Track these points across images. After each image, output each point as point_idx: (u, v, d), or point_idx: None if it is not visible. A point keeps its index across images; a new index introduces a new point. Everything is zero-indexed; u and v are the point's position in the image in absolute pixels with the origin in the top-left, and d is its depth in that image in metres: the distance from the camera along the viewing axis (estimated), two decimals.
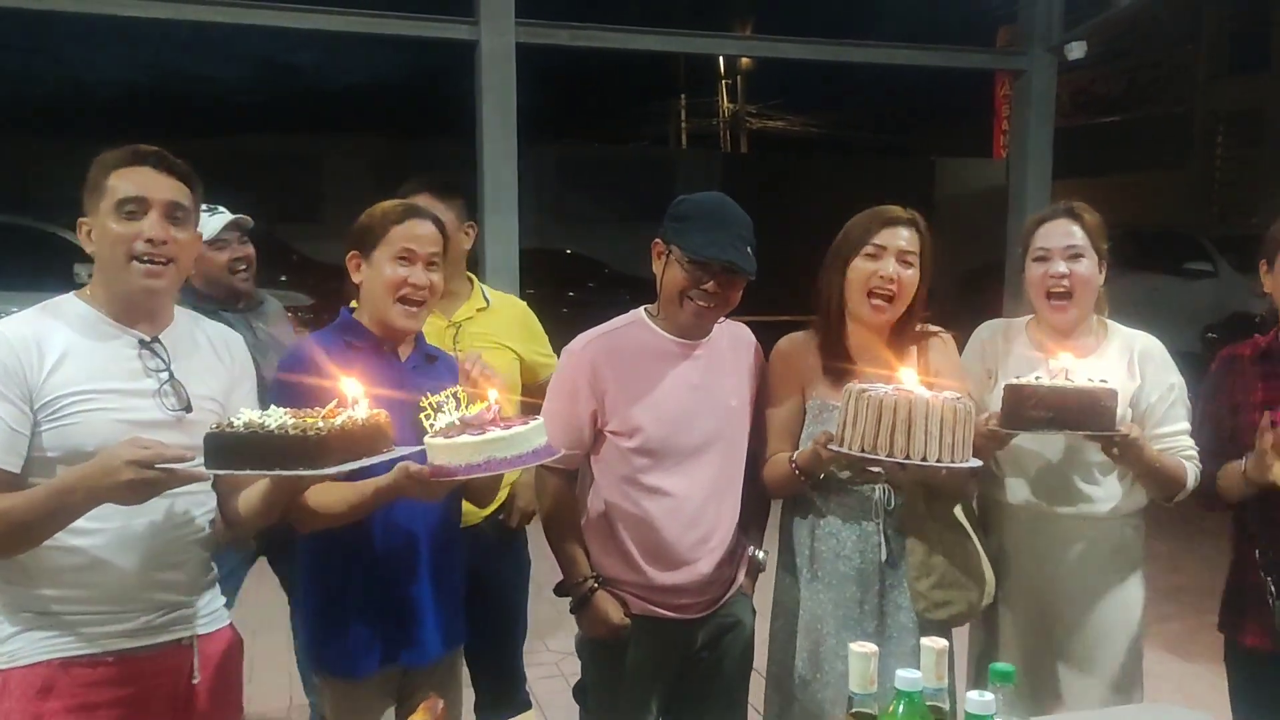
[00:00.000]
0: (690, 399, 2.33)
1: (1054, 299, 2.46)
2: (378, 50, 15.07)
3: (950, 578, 2.33)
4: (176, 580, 1.96)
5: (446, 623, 2.32)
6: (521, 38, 7.20)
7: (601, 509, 2.37)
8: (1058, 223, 2.50)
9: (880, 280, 2.34)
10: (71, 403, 1.83)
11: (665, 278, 2.32)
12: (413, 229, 2.25)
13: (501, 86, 7.15)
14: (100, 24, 7.19)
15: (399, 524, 2.22)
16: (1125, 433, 2.22)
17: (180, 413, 1.92)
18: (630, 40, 7.90)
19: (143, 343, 1.94)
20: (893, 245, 2.34)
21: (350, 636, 2.23)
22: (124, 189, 1.90)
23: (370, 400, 1.97)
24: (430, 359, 2.34)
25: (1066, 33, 8.34)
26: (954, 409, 2.05)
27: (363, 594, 2.22)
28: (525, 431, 1.93)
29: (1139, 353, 2.50)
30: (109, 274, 1.93)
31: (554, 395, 2.38)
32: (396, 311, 2.22)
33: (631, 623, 2.36)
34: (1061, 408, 2.16)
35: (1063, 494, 2.48)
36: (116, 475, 1.68)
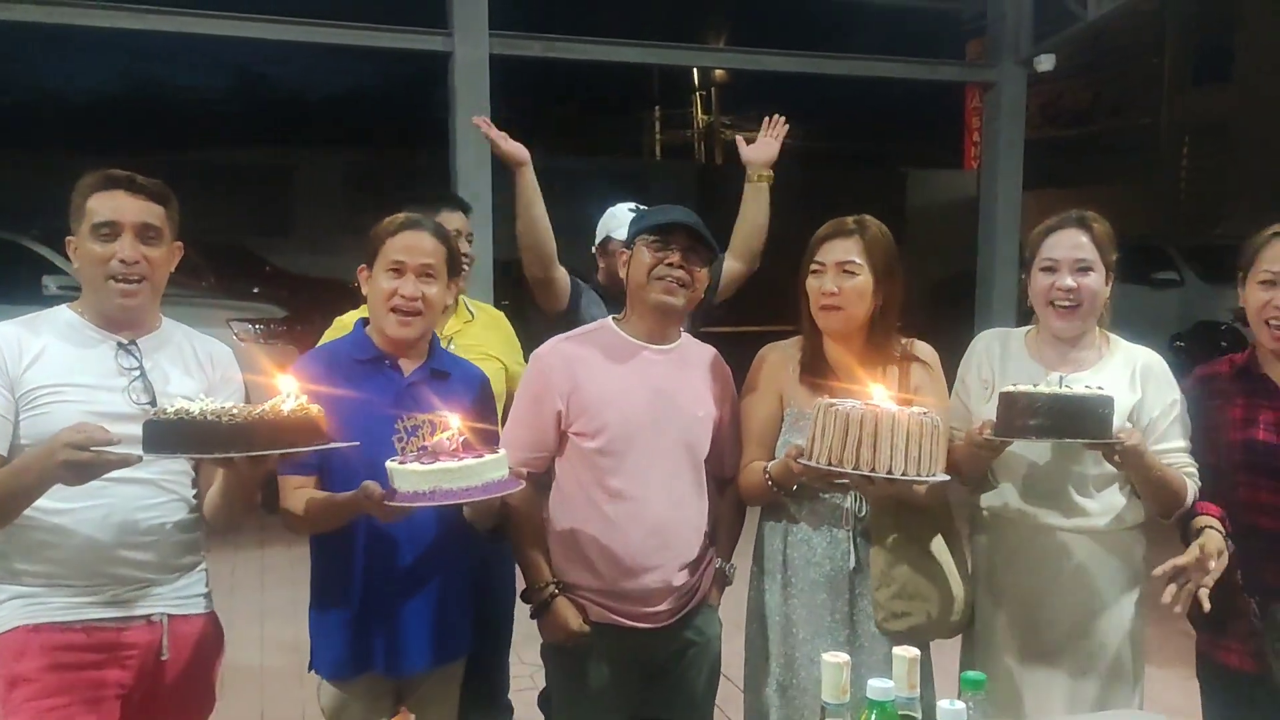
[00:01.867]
0: (655, 401, 2.34)
1: (1060, 307, 2.41)
2: (351, 62, 15.01)
3: (911, 589, 2.33)
4: (146, 559, 2.08)
5: (439, 636, 2.32)
6: (495, 49, 7.22)
7: (564, 513, 2.38)
8: (1067, 233, 2.43)
9: (823, 295, 2.36)
10: (44, 395, 2.00)
11: (631, 271, 2.38)
12: (405, 240, 2.29)
13: (475, 98, 7.16)
14: (71, 33, 7.14)
15: (388, 536, 2.25)
16: (1124, 439, 2.18)
17: (146, 406, 2.03)
18: (605, 52, 7.94)
19: (120, 344, 2.10)
20: (830, 259, 2.37)
21: (336, 641, 2.29)
22: (99, 213, 2.06)
23: (356, 410, 2.07)
24: (439, 375, 2.35)
25: (1035, 45, 8.45)
26: (920, 423, 2.05)
27: (344, 600, 2.28)
28: (477, 465, 1.96)
29: (1141, 367, 2.45)
30: (91, 290, 2.11)
31: (520, 398, 2.40)
32: (389, 321, 2.27)
33: (592, 631, 2.36)
34: (1057, 415, 2.11)
35: (1059, 506, 2.43)
36: (54, 456, 1.80)
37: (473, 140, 7.18)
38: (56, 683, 1.99)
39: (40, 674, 1.98)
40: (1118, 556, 2.45)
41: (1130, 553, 2.47)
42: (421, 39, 7.30)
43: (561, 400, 2.33)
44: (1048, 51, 8.25)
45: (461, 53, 7.13)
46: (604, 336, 2.42)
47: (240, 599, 4.81)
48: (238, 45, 7.57)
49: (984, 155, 9.17)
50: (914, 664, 1.61)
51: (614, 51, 7.93)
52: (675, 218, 2.37)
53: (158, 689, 2.11)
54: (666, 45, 8.23)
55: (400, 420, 2.26)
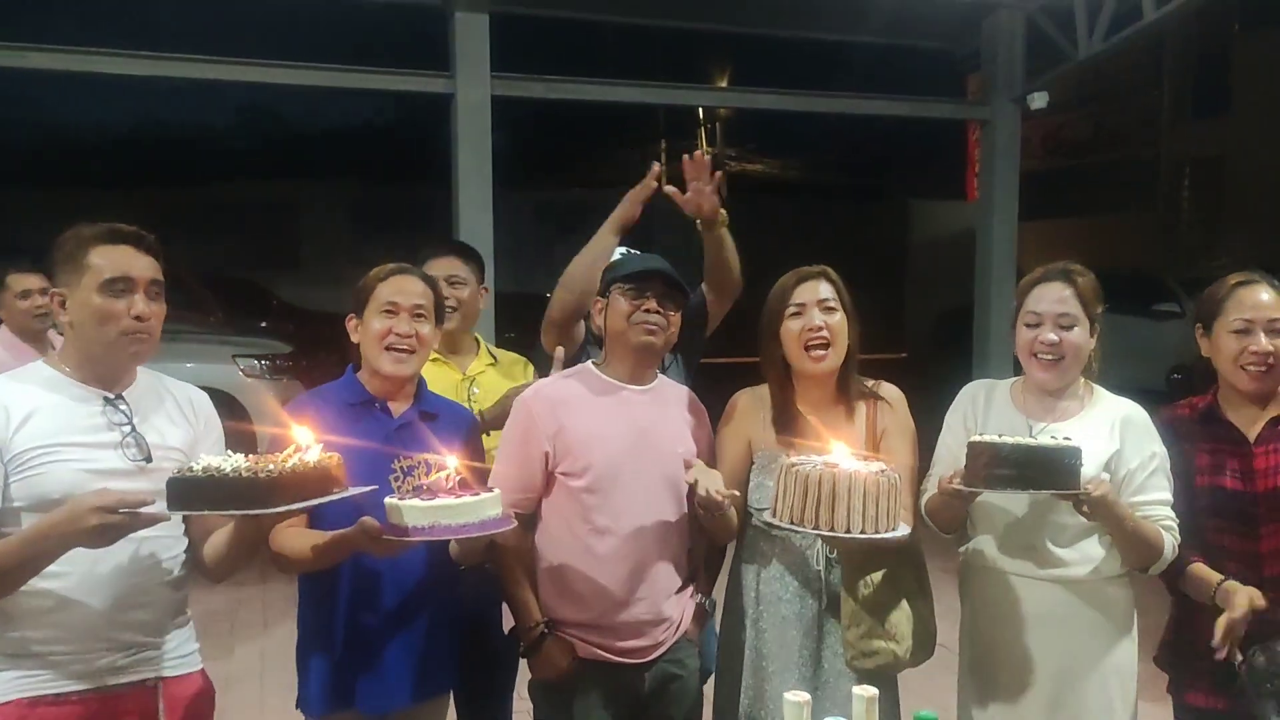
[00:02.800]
0: (637, 440, 2.42)
1: (1042, 359, 2.46)
2: (358, 98, 15.19)
3: (880, 630, 2.38)
4: (142, 620, 2.05)
5: (422, 672, 2.38)
6: (497, 90, 7.37)
7: (552, 550, 2.45)
8: (1051, 286, 2.47)
9: (810, 332, 2.44)
10: (37, 456, 1.95)
11: (609, 319, 2.48)
12: (397, 284, 2.42)
13: (477, 138, 7.30)
14: (79, 75, 7.29)
15: (369, 573, 2.31)
16: (1090, 490, 2.20)
17: (141, 462, 2.03)
18: (605, 93, 8.08)
19: (106, 399, 2.06)
20: (811, 298, 2.47)
21: (320, 678, 2.34)
22: (111, 268, 2.02)
23: (348, 452, 2.09)
24: (427, 416, 2.43)
25: (1028, 83, 8.58)
26: (878, 482, 2.11)
27: (328, 637, 2.33)
28: (474, 502, 2.03)
29: (1122, 419, 2.47)
30: (90, 345, 2.05)
31: (507, 441, 2.47)
32: (385, 359, 2.37)
33: (581, 667, 2.42)
34: (1023, 465, 2.14)
35: (1036, 556, 2.45)
36: (84, 521, 1.80)
37: (474, 180, 7.32)
38: None
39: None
40: (1097, 607, 2.45)
41: (1113, 602, 2.47)
42: (425, 81, 7.46)
43: (548, 442, 2.41)
44: (1040, 89, 8.38)
45: (463, 94, 7.27)
46: (586, 379, 2.51)
47: (240, 637, 4.88)
48: (246, 85, 7.72)
49: (980, 190, 9.29)
50: (872, 702, 1.67)
51: (614, 92, 8.08)
52: (650, 266, 2.47)
53: None
54: (665, 85, 8.37)
55: (396, 460, 2.34)
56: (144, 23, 14.75)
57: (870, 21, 8.35)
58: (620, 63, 9.58)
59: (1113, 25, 7.78)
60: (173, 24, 12.63)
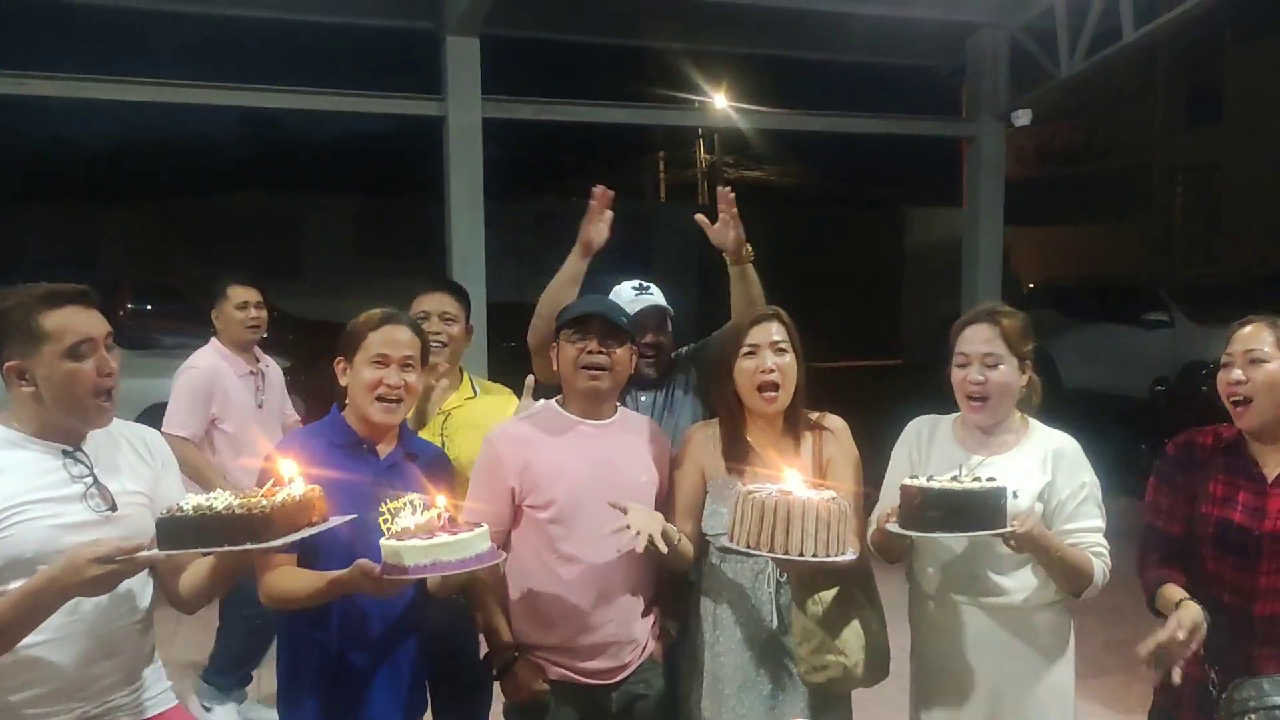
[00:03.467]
0: (600, 471, 2.56)
1: (972, 401, 2.58)
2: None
3: (830, 645, 2.50)
4: (114, 668, 2.11)
5: (397, 698, 2.50)
6: (488, 112, 7.50)
7: (522, 578, 2.59)
8: (978, 328, 2.58)
9: (762, 374, 2.57)
10: (5, 517, 1.97)
11: (560, 362, 2.62)
12: (388, 334, 2.48)
13: (469, 159, 7.44)
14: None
15: (356, 609, 2.41)
16: (1016, 528, 2.30)
17: (107, 511, 2.08)
18: (594, 114, 8.22)
19: (65, 453, 2.08)
20: (764, 339, 2.60)
21: (307, 710, 2.42)
22: (72, 332, 2.02)
23: (338, 492, 2.18)
24: (410, 457, 2.54)
25: (1012, 101, 8.71)
26: (829, 509, 2.24)
27: (317, 671, 2.42)
28: (469, 538, 2.15)
29: (1053, 451, 2.57)
30: (58, 408, 2.04)
31: (477, 477, 2.60)
32: (375, 409, 2.45)
33: (551, 689, 2.56)
34: (949, 509, 2.25)
35: (974, 585, 2.55)
36: (83, 573, 1.86)
37: (466, 201, 7.47)
38: None
39: None
40: (1034, 631, 2.57)
41: (1049, 627, 2.59)
42: (416, 105, 7.60)
43: (515, 478, 2.55)
44: (1024, 107, 8.51)
45: (455, 117, 7.41)
46: (547, 417, 2.65)
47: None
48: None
49: (967, 204, 9.42)
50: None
51: (603, 113, 8.23)
52: (589, 309, 2.61)
53: None
54: (653, 106, 8.53)
55: (386, 501, 2.38)
56: (142, 44, 14.92)
57: (857, 41, 8.51)
58: (611, 83, 9.72)
59: (1093, 45, 7.91)
60: (170, 46, 12.80)
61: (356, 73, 7.82)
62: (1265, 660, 2.40)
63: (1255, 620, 2.41)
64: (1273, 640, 2.40)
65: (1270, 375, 2.40)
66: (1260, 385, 2.40)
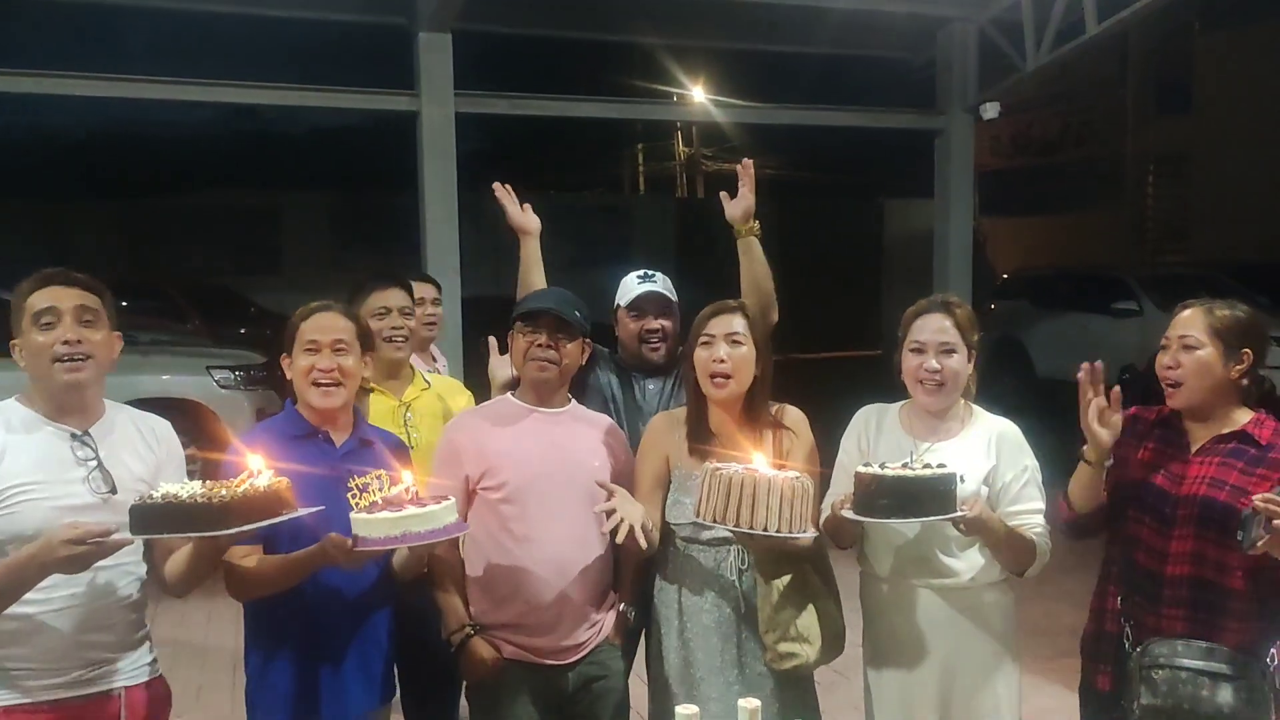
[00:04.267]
0: (552, 454, 2.66)
1: (926, 386, 2.67)
2: None
3: (794, 633, 2.60)
4: (106, 640, 2.25)
5: (371, 680, 2.57)
6: (461, 108, 7.55)
7: (477, 557, 2.68)
8: (932, 317, 2.67)
9: (714, 363, 2.66)
10: (11, 494, 2.12)
11: (513, 352, 2.74)
12: (317, 321, 2.56)
13: (442, 154, 7.49)
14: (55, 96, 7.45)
15: (324, 589, 2.48)
16: (965, 513, 2.39)
17: (106, 494, 2.20)
18: (567, 108, 8.28)
19: (74, 435, 2.22)
20: (720, 331, 2.68)
21: (276, 691, 2.49)
22: (38, 304, 2.19)
23: (299, 480, 2.26)
24: (366, 443, 2.61)
25: (980, 94, 8.83)
26: (793, 487, 2.33)
27: (288, 652, 2.49)
28: (438, 510, 2.24)
29: (997, 436, 2.67)
30: (39, 379, 2.22)
31: (437, 463, 2.68)
32: (313, 394, 2.52)
33: (506, 667, 2.64)
34: (901, 495, 2.32)
35: (925, 566, 2.64)
36: (55, 553, 2.01)
37: (440, 195, 7.52)
38: None
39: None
40: (982, 609, 2.68)
41: (995, 605, 2.70)
42: (390, 100, 7.64)
43: (470, 464, 2.65)
44: (992, 100, 8.63)
45: (428, 112, 7.45)
46: (503, 407, 2.77)
47: (213, 647, 5.07)
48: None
49: (936, 196, 9.54)
50: (755, 714, 1.87)
51: (576, 108, 8.28)
52: (540, 304, 2.71)
53: None
54: (626, 100, 8.59)
55: (352, 479, 2.48)
56: (116, 40, 14.83)
57: (828, 33, 8.59)
58: (586, 77, 9.77)
59: (1058, 38, 8.04)
60: (143, 41, 12.74)
61: (331, 68, 7.88)
62: (1172, 620, 2.50)
63: (1165, 580, 2.51)
64: (1179, 601, 2.50)
65: (1199, 361, 2.49)
66: (1190, 371, 2.49)
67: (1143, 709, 2.43)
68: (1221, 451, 2.51)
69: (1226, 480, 2.46)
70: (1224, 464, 2.49)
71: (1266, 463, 2.46)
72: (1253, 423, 2.52)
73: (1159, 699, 2.42)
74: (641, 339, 3.24)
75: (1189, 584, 2.49)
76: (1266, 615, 2.48)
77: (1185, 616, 2.49)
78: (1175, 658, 2.43)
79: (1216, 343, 2.49)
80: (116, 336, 2.33)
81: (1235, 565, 2.44)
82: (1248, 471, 2.46)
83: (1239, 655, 2.44)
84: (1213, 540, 2.46)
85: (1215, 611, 2.47)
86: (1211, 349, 2.49)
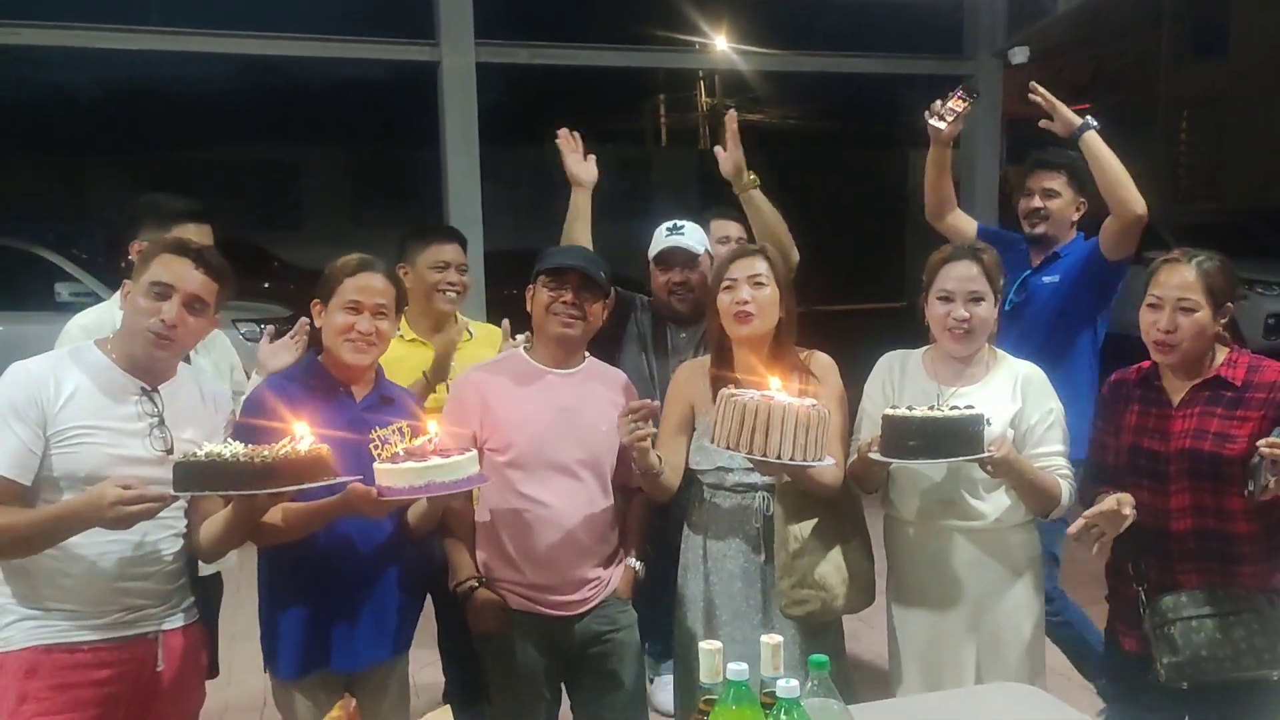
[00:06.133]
0: (560, 419, 2.65)
1: (955, 334, 2.68)
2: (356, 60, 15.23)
3: (810, 580, 2.62)
4: (145, 589, 2.30)
5: (384, 631, 2.60)
6: (482, 58, 7.44)
7: (487, 517, 2.70)
8: (960, 264, 2.69)
9: (737, 305, 2.65)
10: (74, 434, 2.18)
11: (534, 307, 2.70)
12: (363, 281, 2.55)
13: (463, 105, 7.40)
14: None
15: (338, 540, 2.51)
16: (993, 453, 2.43)
17: (163, 454, 2.25)
18: (590, 57, 8.16)
19: (144, 390, 2.28)
20: (743, 274, 2.67)
21: (289, 642, 2.53)
22: (161, 273, 2.26)
23: (318, 436, 2.27)
24: (386, 399, 2.63)
25: (1009, 38, 8.62)
26: (808, 414, 2.31)
27: (302, 602, 2.52)
28: (461, 460, 2.27)
29: (1022, 379, 2.71)
30: (126, 335, 2.29)
31: (445, 420, 2.69)
32: (346, 350, 2.53)
33: (514, 618, 2.67)
34: (931, 436, 2.35)
35: (952, 509, 2.69)
36: (103, 512, 2.07)
37: (462, 146, 7.45)
38: (63, 700, 2.19)
39: (49, 693, 2.18)
40: (1008, 550, 2.72)
41: (1020, 546, 2.74)
42: (409, 50, 7.55)
43: (476, 422, 2.65)
44: (1021, 44, 8.42)
45: (449, 62, 7.35)
46: (514, 364, 2.74)
47: (247, 596, 5.15)
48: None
49: (962, 144, 9.35)
50: (778, 649, 1.88)
51: (598, 56, 8.16)
52: (569, 261, 2.69)
53: (154, 696, 2.33)
54: (652, 49, 8.46)
55: (373, 431, 2.54)
56: None
57: None
58: (608, 26, 9.61)
59: None
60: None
61: (350, 19, 7.75)
62: (1186, 574, 2.53)
63: (1172, 537, 2.53)
64: (1189, 555, 2.52)
65: (1197, 323, 2.48)
66: (1188, 333, 2.48)
67: (1167, 668, 2.46)
68: (1201, 400, 2.52)
69: (1208, 429, 2.47)
70: (1204, 413, 2.50)
71: (1244, 403, 2.47)
72: (1226, 365, 2.52)
73: (1178, 655, 2.44)
74: (669, 291, 3.30)
75: (1194, 537, 2.50)
76: (1275, 551, 2.51)
77: (1197, 569, 2.51)
78: (1181, 609, 2.47)
79: (1210, 301, 2.47)
80: (214, 322, 2.40)
81: (1236, 510, 2.46)
82: (1228, 416, 2.47)
83: (1242, 590, 2.46)
84: (1209, 490, 2.47)
85: (1225, 559, 2.49)
86: (1207, 309, 2.47)
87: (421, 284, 3.22)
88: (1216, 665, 2.42)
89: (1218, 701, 2.48)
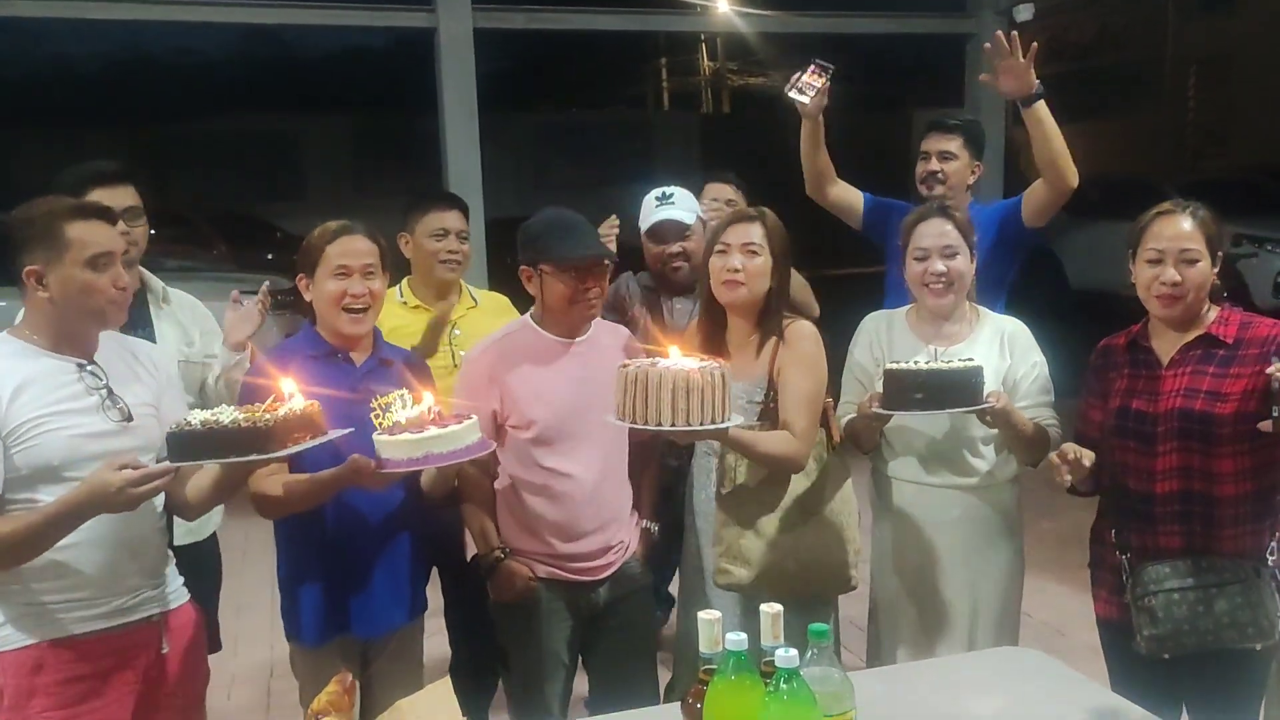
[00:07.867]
0: (577, 391, 2.63)
1: (934, 289, 2.72)
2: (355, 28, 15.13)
3: (733, 551, 2.65)
4: (140, 568, 2.26)
5: (400, 596, 2.62)
6: (479, 23, 7.37)
7: (509, 490, 2.70)
8: (932, 222, 2.74)
9: (728, 271, 2.64)
10: (30, 428, 2.09)
11: (547, 293, 2.63)
12: (346, 245, 2.53)
13: (461, 72, 7.33)
14: None
15: (351, 508, 2.52)
16: (993, 403, 2.49)
17: (124, 422, 2.19)
18: (587, 21, 8.08)
19: (80, 365, 2.18)
20: (736, 240, 2.65)
21: (307, 608, 2.55)
22: (94, 244, 2.11)
23: (320, 400, 2.26)
24: (385, 363, 2.62)
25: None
26: (694, 378, 2.20)
27: (318, 570, 2.54)
28: (459, 430, 2.24)
29: (1008, 335, 2.77)
30: (70, 316, 2.15)
31: (458, 396, 2.66)
32: (344, 320, 2.51)
33: (540, 585, 2.68)
34: (934, 388, 2.41)
35: (948, 465, 2.76)
36: (113, 498, 2.01)
37: (460, 113, 7.39)
38: (72, 693, 2.16)
39: (58, 687, 2.14)
40: (997, 504, 2.81)
41: (1008, 500, 2.83)
42: (406, 16, 7.48)
43: (494, 399, 2.63)
44: (1025, 1, 8.30)
45: (446, 28, 7.28)
46: (525, 337, 2.70)
47: (251, 566, 5.17)
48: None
49: (967, 104, 9.26)
50: (777, 618, 1.87)
51: (596, 20, 8.08)
52: (594, 251, 2.62)
53: (162, 679, 2.30)
54: (651, 11, 8.36)
55: (374, 398, 2.48)
56: None
57: None
58: None
59: None
60: None
61: None
62: (1169, 537, 2.49)
63: (1156, 499, 2.50)
64: (1171, 518, 2.49)
65: (1201, 274, 2.46)
66: (1193, 285, 2.45)
67: (1147, 640, 2.43)
68: (1192, 359, 2.49)
69: (1200, 388, 2.45)
70: (1196, 372, 2.47)
71: (1238, 360, 2.44)
72: (1217, 322, 2.49)
73: (1158, 628, 2.42)
74: (664, 262, 3.29)
75: (1179, 499, 2.47)
76: (1260, 515, 2.48)
77: (1180, 532, 2.48)
78: (1164, 581, 2.43)
79: (1209, 250, 2.45)
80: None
81: (1225, 473, 2.44)
82: (1220, 374, 2.44)
83: (1229, 561, 2.43)
84: (1197, 451, 2.44)
85: (1209, 523, 2.46)
86: (1207, 258, 2.45)
87: (422, 252, 3.19)
88: (1198, 638, 2.38)
89: (1201, 671, 2.46)
